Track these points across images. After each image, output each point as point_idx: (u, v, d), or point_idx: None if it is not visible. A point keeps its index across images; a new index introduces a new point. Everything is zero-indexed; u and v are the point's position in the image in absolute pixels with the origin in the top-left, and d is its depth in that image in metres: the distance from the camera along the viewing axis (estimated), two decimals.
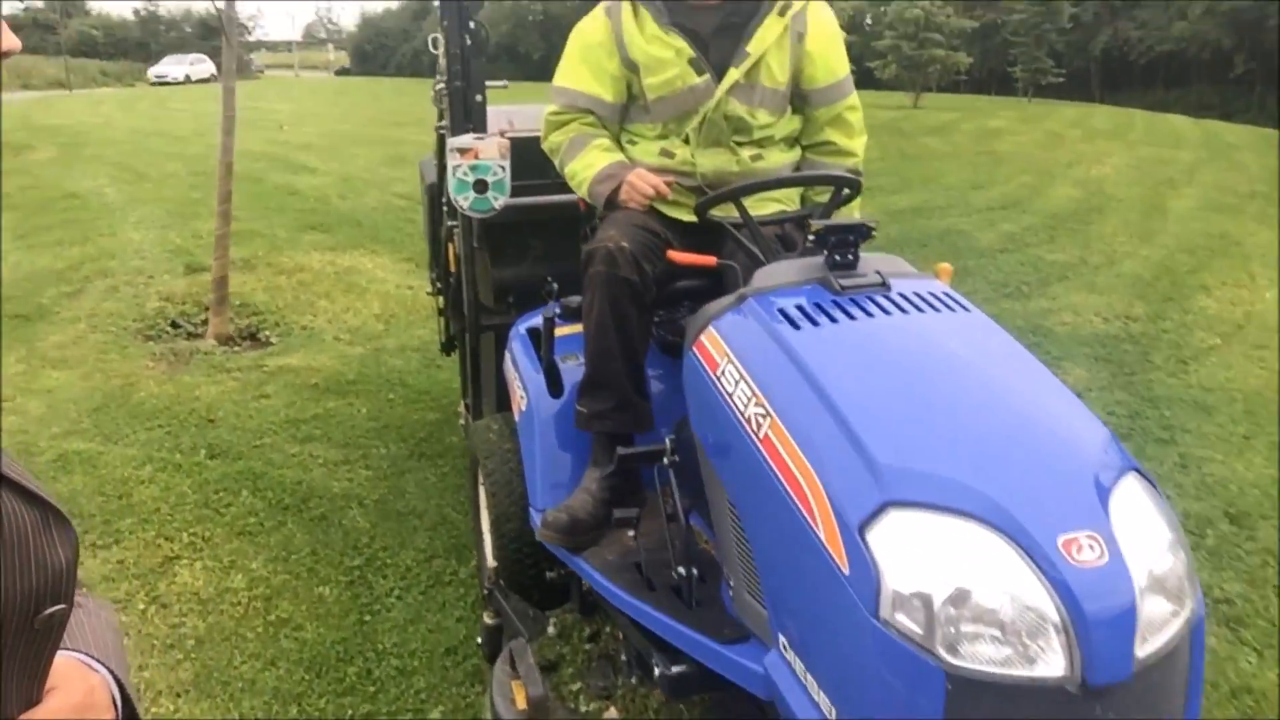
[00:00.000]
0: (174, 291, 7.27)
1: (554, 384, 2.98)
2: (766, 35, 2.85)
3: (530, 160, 3.40)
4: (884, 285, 2.22)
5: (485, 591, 3.01)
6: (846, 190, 2.65)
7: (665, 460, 2.50)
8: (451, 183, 3.39)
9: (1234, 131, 23.24)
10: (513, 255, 3.83)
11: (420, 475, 4.51)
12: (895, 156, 15.32)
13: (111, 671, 0.96)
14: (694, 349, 2.33)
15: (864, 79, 33.35)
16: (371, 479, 4.50)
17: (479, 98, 3.50)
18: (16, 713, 0.82)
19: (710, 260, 2.63)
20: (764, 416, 2.01)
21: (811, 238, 2.29)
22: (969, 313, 2.23)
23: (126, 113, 21.90)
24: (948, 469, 1.76)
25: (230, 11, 6.28)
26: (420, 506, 4.25)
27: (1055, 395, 2.02)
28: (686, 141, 2.91)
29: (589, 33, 2.97)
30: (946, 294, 2.27)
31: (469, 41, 3.46)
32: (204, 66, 47.32)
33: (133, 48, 58.04)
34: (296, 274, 7.72)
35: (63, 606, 0.84)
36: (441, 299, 4.48)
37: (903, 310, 2.15)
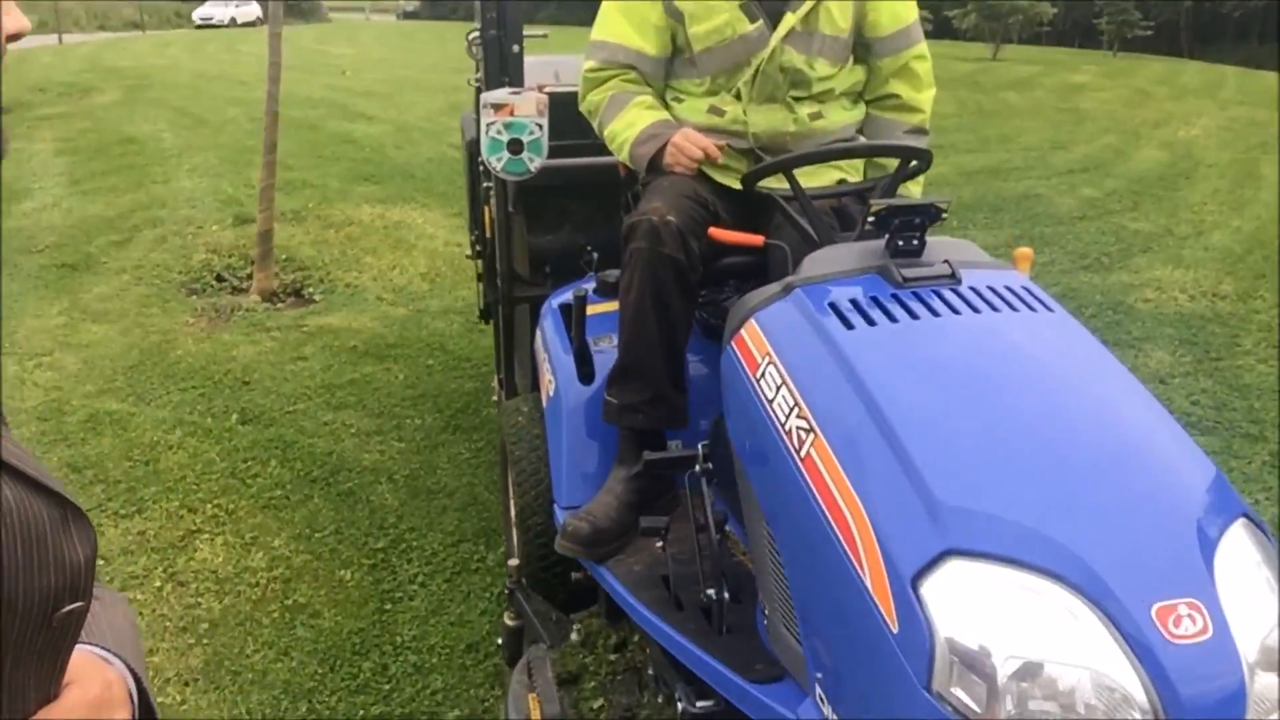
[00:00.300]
0: (221, 243, 7.14)
1: (584, 368, 2.74)
2: None
3: (572, 119, 3.13)
4: (953, 277, 1.92)
5: (507, 590, 2.79)
6: (915, 163, 2.34)
7: (697, 468, 2.25)
8: (484, 141, 3.13)
9: None
10: (550, 221, 3.58)
11: (454, 450, 4.31)
12: (972, 112, 14.72)
13: (128, 665, 0.95)
14: (733, 343, 2.07)
15: (942, 28, 32.31)
16: (403, 452, 4.31)
17: (515, 48, 3.23)
18: (35, 708, 0.82)
19: (756, 240, 2.35)
20: (807, 431, 1.74)
21: (871, 219, 2.00)
22: (1052, 313, 1.92)
23: (194, 55, 21.92)
24: (1022, 513, 1.48)
25: None
26: (451, 484, 4.05)
27: (1152, 420, 1.71)
28: (738, 98, 2.63)
29: None
30: (1026, 289, 1.97)
31: None
32: (250, 9, 45.84)
33: None
34: (345, 228, 7.55)
35: (81, 604, 0.84)
36: (480, 263, 4.25)
37: (974, 309, 1.86)
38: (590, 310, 2.79)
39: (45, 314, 5.96)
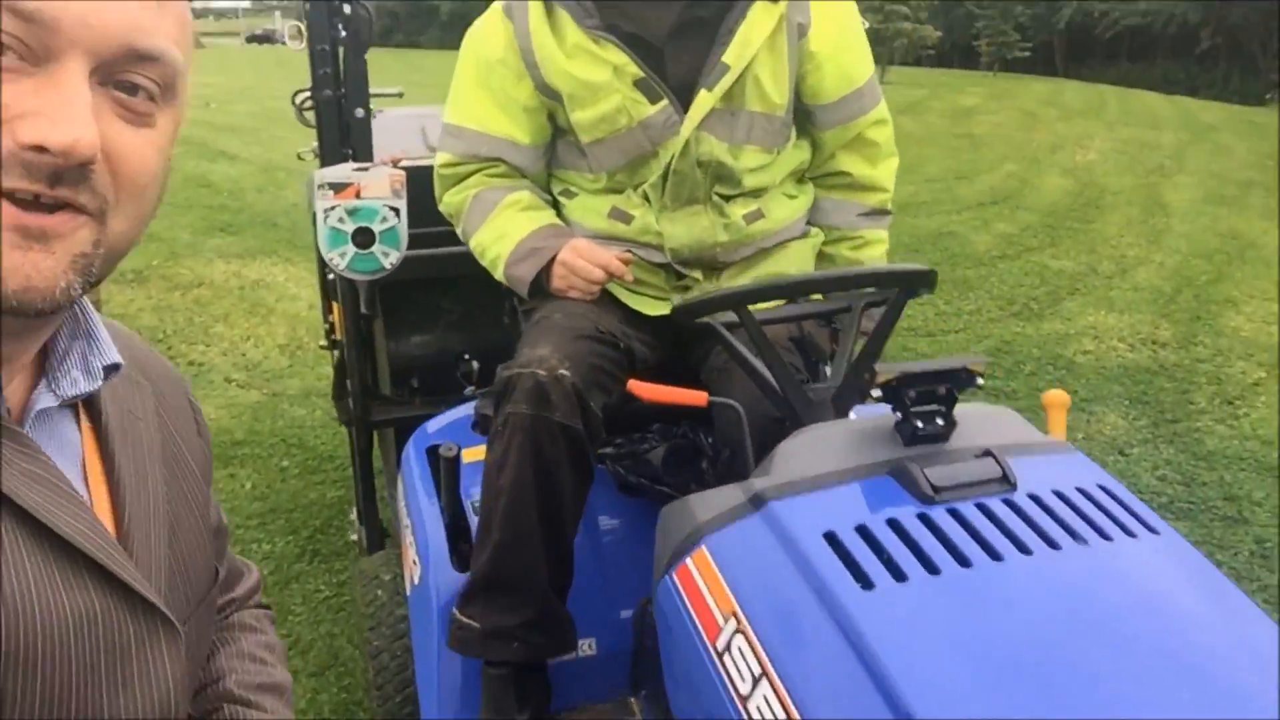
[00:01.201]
0: None
1: (461, 547, 2.03)
2: (752, 34, 1.88)
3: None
4: (1005, 480, 1.27)
5: None
6: (920, 291, 1.67)
7: None
8: (321, 232, 2.39)
9: (1208, 110, 22.54)
10: (416, 323, 2.84)
11: (310, 585, 3.50)
12: None
13: None
14: (674, 575, 1.37)
15: None
16: None
17: (360, 112, 2.48)
18: None
19: (698, 397, 1.66)
20: None
21: (877, 393, 1.33)
22: (1157, 536, 1.27)
23: None
24: None
25: None
26: (305, 635, 3.24)
27: None
28: (646, 199, 1.96)
29: (485, 44, 1.99)
30: (1105, 489, 1.32)
31: (342, 31, 2.43)
32: None
33: None
34: (194, 289, 6.64)
35: None
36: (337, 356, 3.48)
37: (1049, 540, 1.19)
38: (469, 455, 2.09)
39: None
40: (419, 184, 2.47)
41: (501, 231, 1.98)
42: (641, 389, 1.66)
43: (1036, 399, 5.03)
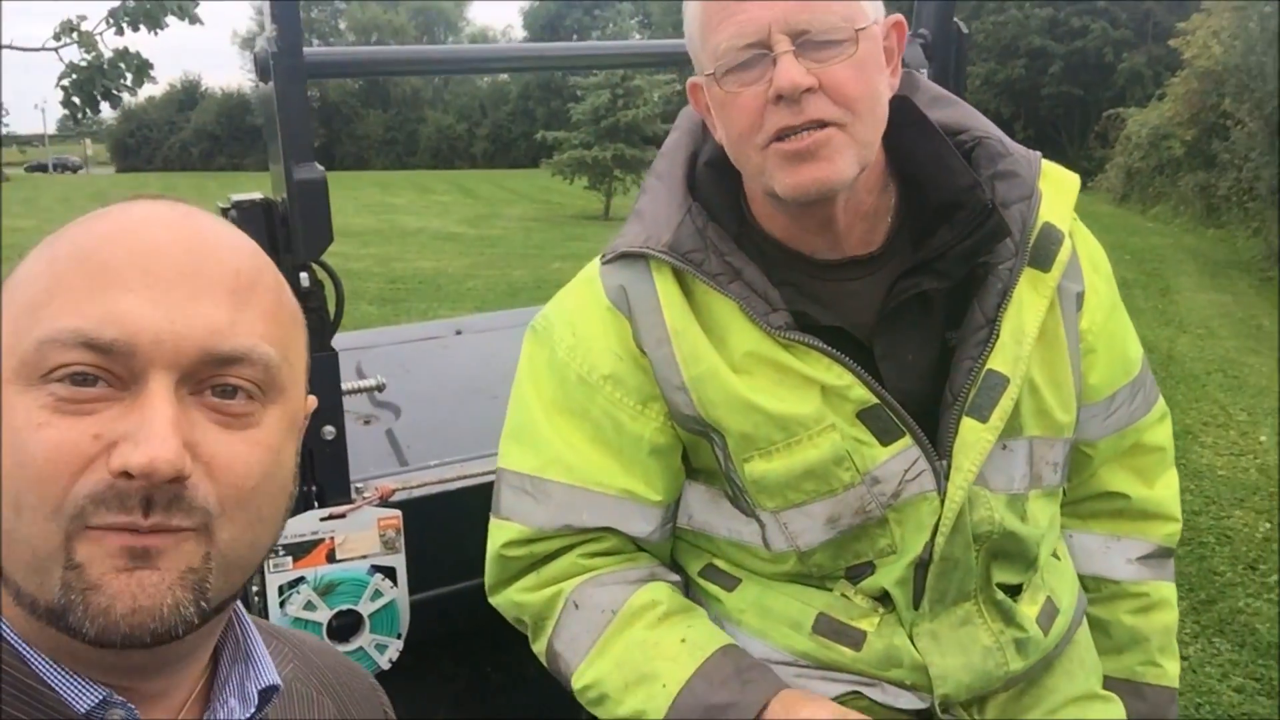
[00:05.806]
0: None
1: None
2: (1025, 322, 1.20)
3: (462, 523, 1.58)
4: None
5: None
6: None
7: None
8: (276, 619, 1.52)
9: None
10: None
11: None
12: None
13: None
14: None
15: None
16: None
17: (330, 430, 1.58)
18: None
19: None
20: None
21: None
22: None
23: None
24: None
25: None
26: None
27: None
28: (885, 603, 1.20)
29: (578, 352, 1.24)
30: None
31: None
32: None
33: None
34: None
35: None
36: None
37: None
38: None
39: None
40: (425, 521, 1.65)
41: (638, 668, 1.18)
42: None
43: None
